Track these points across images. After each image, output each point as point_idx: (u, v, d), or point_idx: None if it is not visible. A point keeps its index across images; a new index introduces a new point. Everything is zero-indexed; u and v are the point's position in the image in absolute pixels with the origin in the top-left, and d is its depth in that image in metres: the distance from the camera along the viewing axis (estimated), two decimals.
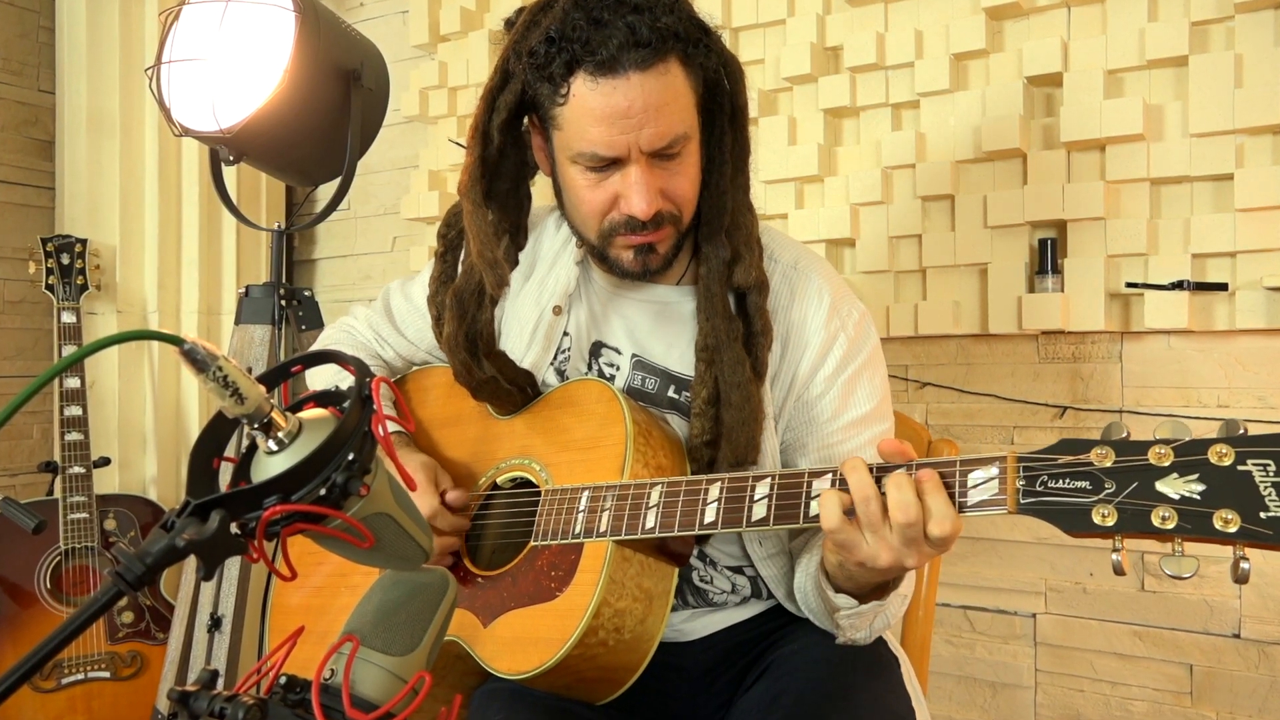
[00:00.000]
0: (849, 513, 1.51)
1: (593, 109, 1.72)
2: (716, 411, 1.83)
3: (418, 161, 4.15)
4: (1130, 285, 2.69)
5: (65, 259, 3.90)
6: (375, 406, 1.08)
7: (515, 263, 1.99)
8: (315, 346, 2.35)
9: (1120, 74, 2.76)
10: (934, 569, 2.22)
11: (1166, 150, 2.66)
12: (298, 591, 2.10)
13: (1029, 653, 2.98)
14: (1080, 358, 2.87)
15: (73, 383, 3.80)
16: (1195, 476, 1.27)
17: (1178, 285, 2.61)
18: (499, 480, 1.99)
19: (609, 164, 1.77)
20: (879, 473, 1.51)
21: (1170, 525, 1.27)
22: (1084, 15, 2.83)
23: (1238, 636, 2.68)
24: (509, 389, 1.96)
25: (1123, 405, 2.80)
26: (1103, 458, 1.34)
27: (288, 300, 3.24)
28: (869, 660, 1.86)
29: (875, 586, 1.69)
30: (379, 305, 2.35)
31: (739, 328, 1.86)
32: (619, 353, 2.02)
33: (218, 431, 1.10)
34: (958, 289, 2.97)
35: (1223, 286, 2.60)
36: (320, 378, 2.22)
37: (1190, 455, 1.29)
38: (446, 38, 4.04)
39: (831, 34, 3.19)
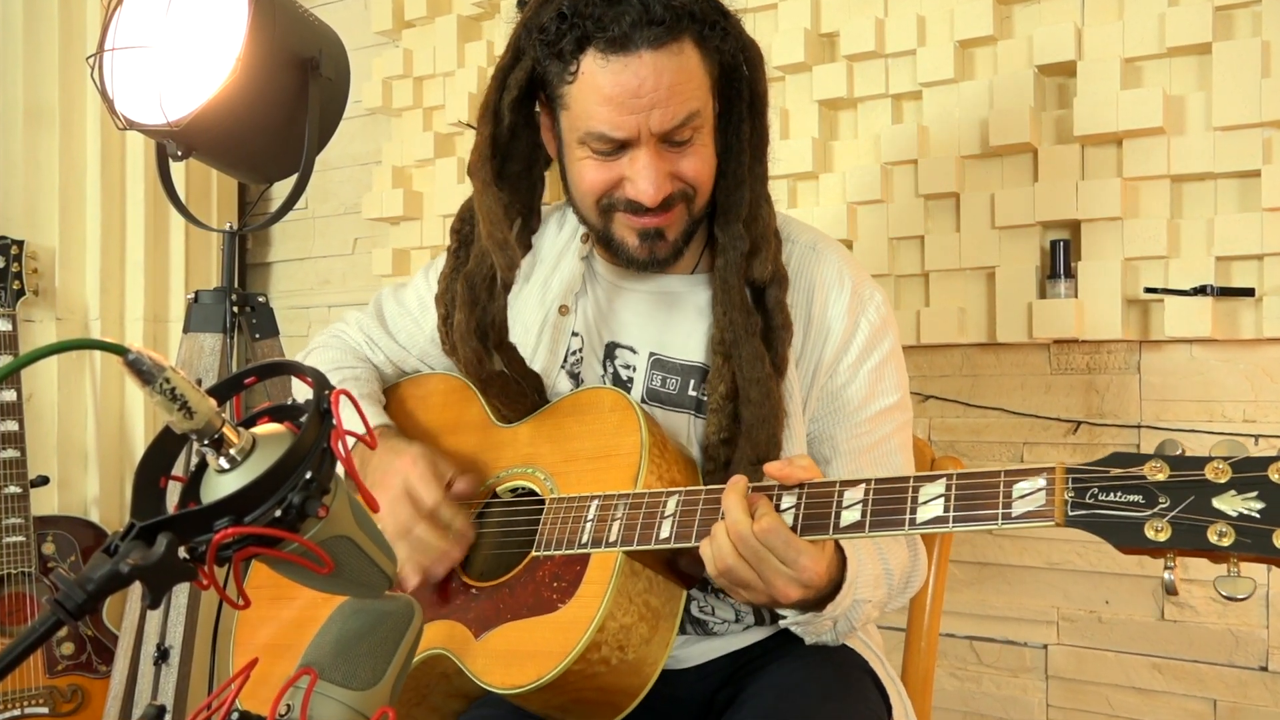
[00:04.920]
0: None
1: (601, 87, 1.77)
2: (735, 408, 1.87)
3: (380, 157, 4.15)
4: (1149, 290, 2.70)
5: (0, 262, 3.88)
6: (335, 421, 1.08)
7: (528, 246, 2.06)
8: (305, 352, 2.37)
9: (1138, 62, 2.77)
10: (937, 596, 2.22)
11: (1188, 145, 2.67)
12: (263, 621, 2.10)
13: (1040, 687, 2.98)
14: (1095, 369, 2.88)
15: (8, 395, 3.79)
16: (1254, 494, 1.29)
17: (1200, 290, 2.62)
18: (498, 490, 2.01)
19: (617, 147, 1.82)
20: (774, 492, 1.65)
21: (1228, 542, 1.28)
22: None
23: (1265, 669, 2.69)
24: (520, 386, 1.99)
25: (1141, 420, 2.81)
26: (1157, 471, 1.35)
27: (240, 306, 3.23)
28: (836, 676, 1.88)
29: (803, 604, 1.72)
30: (371, 309, 2.37)
31: (757, 322, 1.90)
32: (634, 352, 2.05)
33: (165, 448, 1.10)
34: (963, 294, 2.98)
35: (1249, 292, 2.61)
36: (305, 390, 2.22)
37: (1249, 472, 1.30)
38: (411, 24, 4.05)
39: (827, 19, 3.20)
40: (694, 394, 2.00)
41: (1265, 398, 2.68)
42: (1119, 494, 1.37)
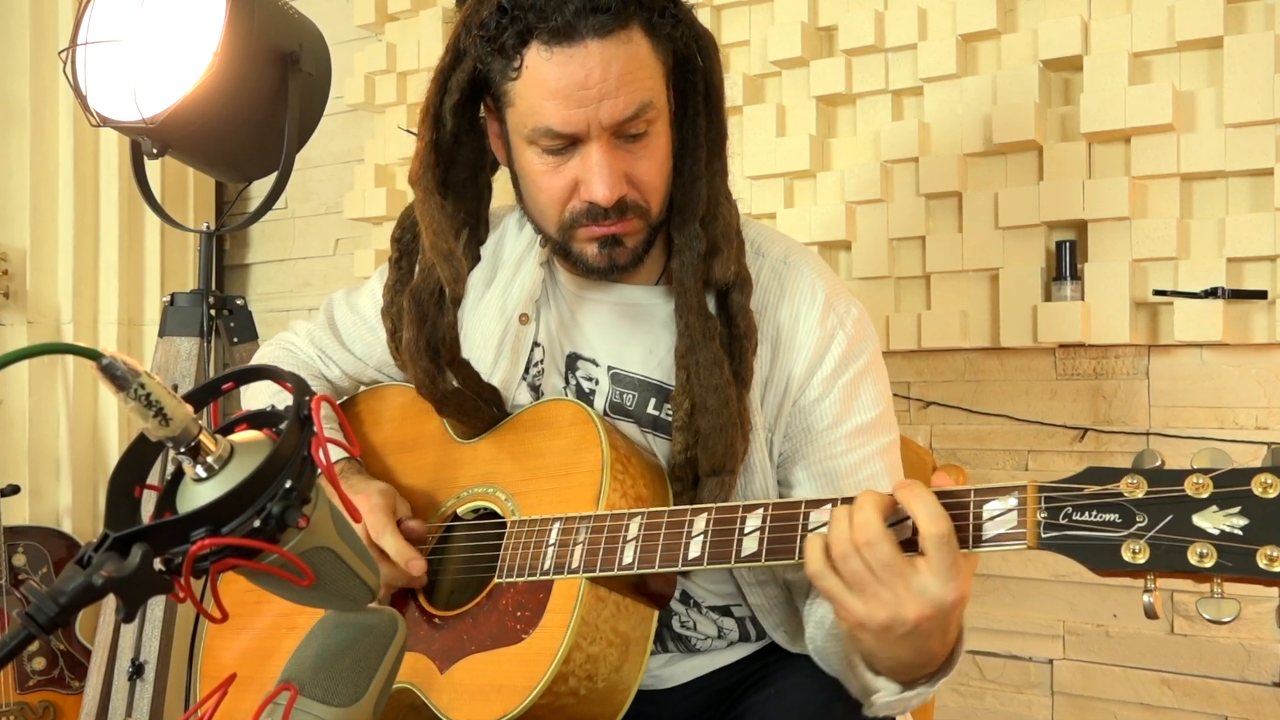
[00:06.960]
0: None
1: (547, 80, 1.72)
2: (695, 422, 1.82)
3: (363, 154, 4.15)
4: (1158, 293, 2.70)
5: None
6: (315, 428, 1.08)
7: (477, 258, 1.99)
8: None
9: (1147, 57, 2.78)
10: None
11: (1199, 142, 2.67)
12: (234, 633, 2.09)
13: (1045, 703, 2.98)
14: (1102, 374, 2.88)
15: None
16: (1237, 510, 1.25)
17: (1211, 293, 2.62)
18: (460, 511, 1.98)
19: (567, 144, 1.77)
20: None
21: (1209, 563, 1.25)
22: None
23: (1278, 685, 2.69)
24: (476, 403, 1.96)
25: (1150, 427, 2.81)
26: (1134, 488, 1.32)
27: (218, 310, 3.22)
28: (855, 708, 1.81)
29: (920, 664, 1.58)
30: (321, 319, 2.33)
31: (716, 326, 1.85)
32: (595, 364, 2.01)
33: (140, 456, 1.10)
34: (966, 297, 2.98)
35: (1262, 294, 2.61)
36: (258, 399, 2.21)
37: (1231, 486, 1.27)
38: (395, 17, 4.05)
39: (825, 13, 3.20)
40: (653, 412, 1.97)
41: (1278, 403, 2.68)
42: (1094, 513, 1.34)
